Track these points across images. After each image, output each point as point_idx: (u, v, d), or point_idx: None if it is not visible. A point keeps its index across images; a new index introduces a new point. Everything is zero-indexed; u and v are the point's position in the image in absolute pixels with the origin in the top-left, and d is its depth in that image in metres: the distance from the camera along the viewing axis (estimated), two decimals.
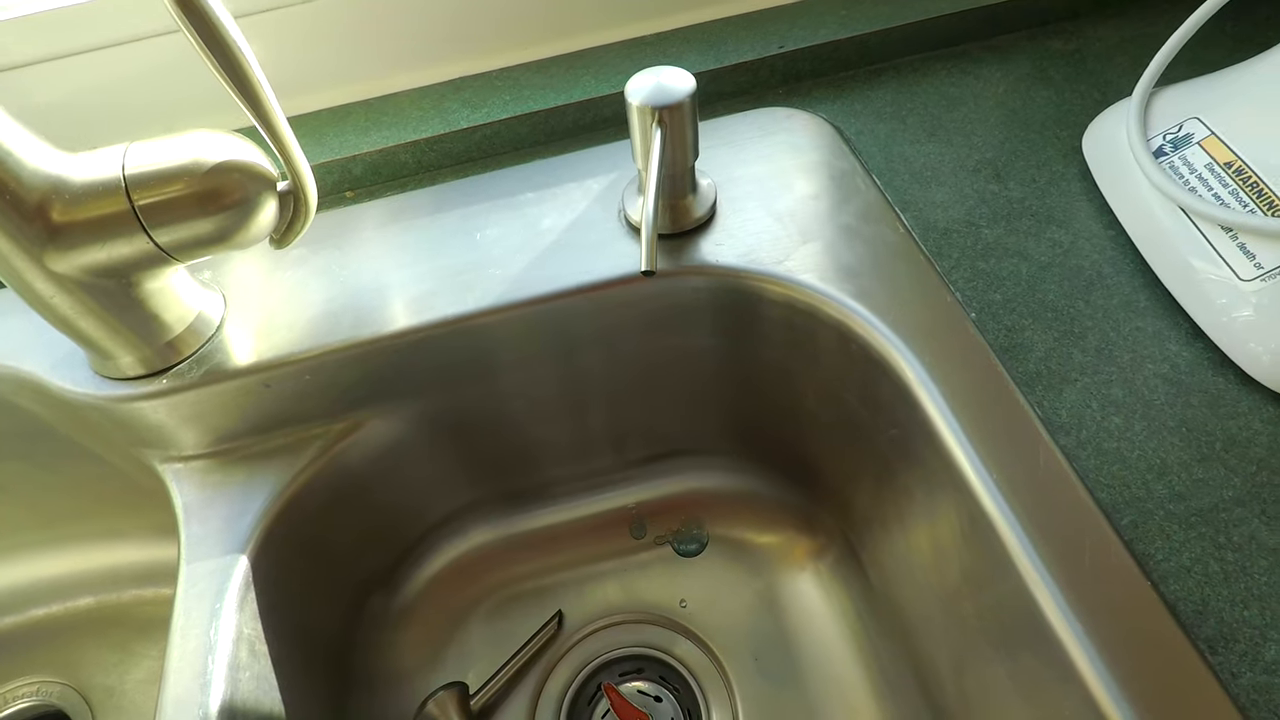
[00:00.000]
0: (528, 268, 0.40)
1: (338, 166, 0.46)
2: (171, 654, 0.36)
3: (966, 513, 0.32)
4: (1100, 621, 0.27)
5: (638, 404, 0.48)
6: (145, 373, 0.39)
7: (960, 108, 0.46)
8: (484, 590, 0.53)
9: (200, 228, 0.33)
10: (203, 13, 0.28)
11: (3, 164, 0.30)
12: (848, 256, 0.39)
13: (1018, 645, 0.32)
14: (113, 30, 0.44)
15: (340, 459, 0.43)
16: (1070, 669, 0.27)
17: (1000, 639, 0.34)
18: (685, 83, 0.35)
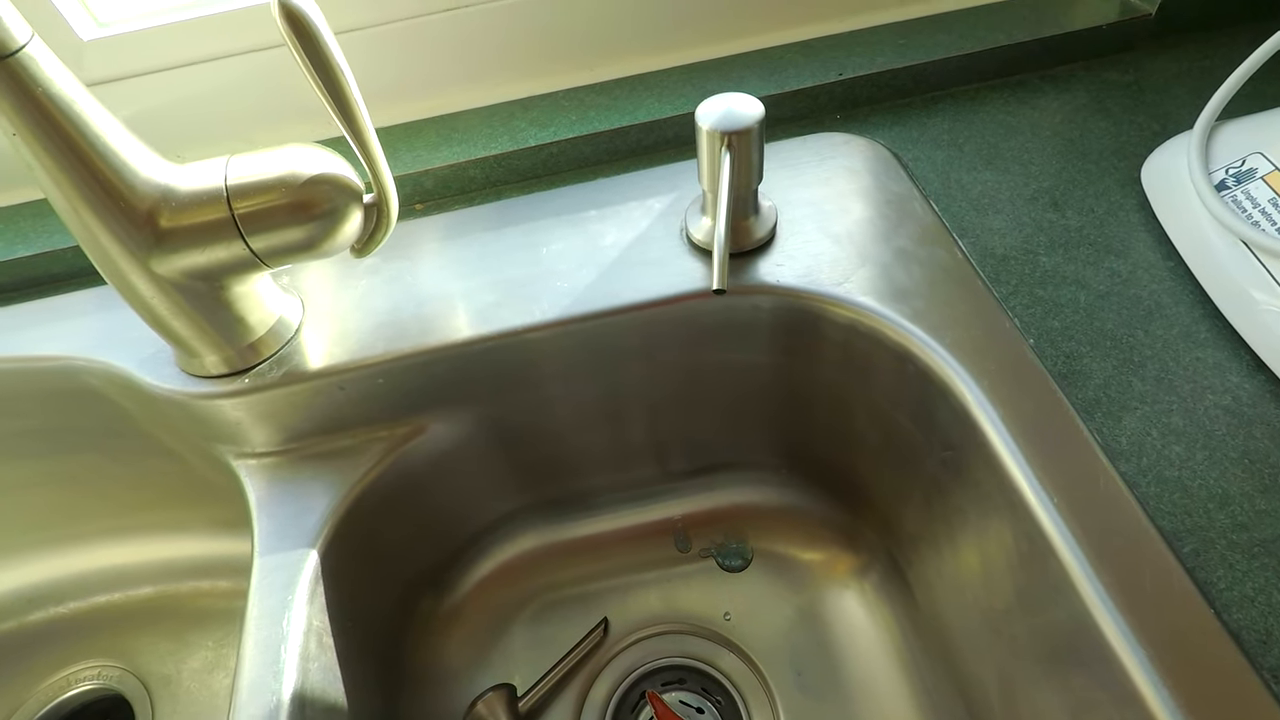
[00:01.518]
0: (590, 283, 0.42)
1: (410, 180, 0.48)
2: (246, 641, 0.37)
3: (1024, 534, 0.33)
4: (1162, 646, 0.27)
5: (687, 417, 0.50)
6: (228, 371, 0.41)
7: (1017, 136, 0.47)
8: (529, 594, 0.54)
9: (292, 235, 0.35)
10: (310, 33, 0.30)
11: (120, 174, 0.33)
12: (904, 279, 0.40)
13: (1072, 667, 0.32)
14: (207, 47, 0.47)
15: (401, 461, 0.45)
16: (1131, 692, 0.28)
17: (1052, 660, 0.34)
18: (754, 109, 0.36)
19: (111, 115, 0.32)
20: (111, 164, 0.32)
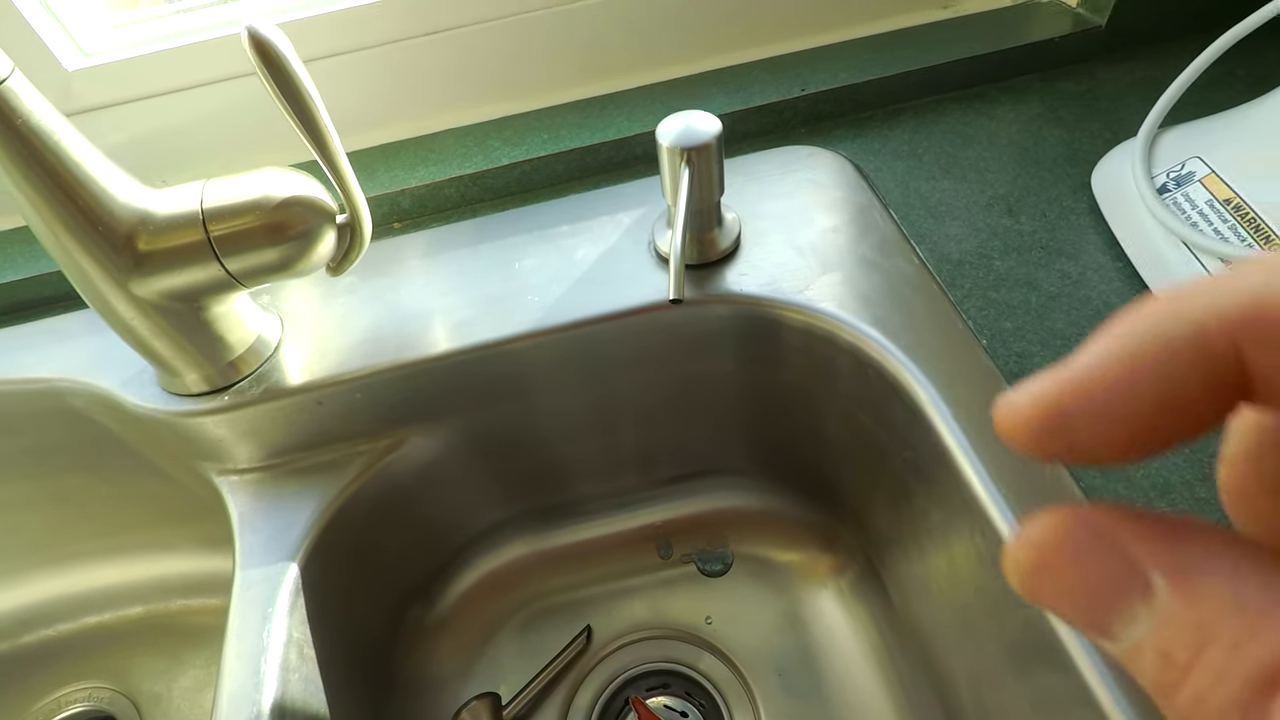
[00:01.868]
0: (563, 296, 0.43)
1: (387, 199, 0.49)
2: (227, 654, 0.38)
3: (980, 533, 0.34)
4: None
5: (664, 426, 0.51)
6: (209, 390, 0.42)
7: (974, 146, 0.49)
8: (515, 604, 0.55)
9: (267, 256, 0.37)
10: (278, 62, 0.32)
11: (97, 200, 0.34)
12: (865, 286, 0.41)
13: (1035, 666, 0.33)
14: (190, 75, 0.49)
15: (384, 474, 0.46)
16: (1087, 693, 0.29)
17: (1016, 659, 0.35)
18: (711, 125, 0.38)
19: (90, 144, 0.34)
20: (90, 190, 0.34)
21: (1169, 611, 0.09)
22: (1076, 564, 0.10)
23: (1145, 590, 0.10)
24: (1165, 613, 0.09)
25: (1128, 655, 0.10)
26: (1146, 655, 0.09)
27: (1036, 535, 0.10)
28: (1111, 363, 0.10)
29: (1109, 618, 0.10)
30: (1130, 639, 0.10)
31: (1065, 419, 0.10)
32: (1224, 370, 0.09)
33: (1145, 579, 0.10)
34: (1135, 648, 0.10)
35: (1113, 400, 0.10)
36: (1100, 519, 0.10)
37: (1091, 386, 0.10)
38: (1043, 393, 0.10)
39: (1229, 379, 0.10)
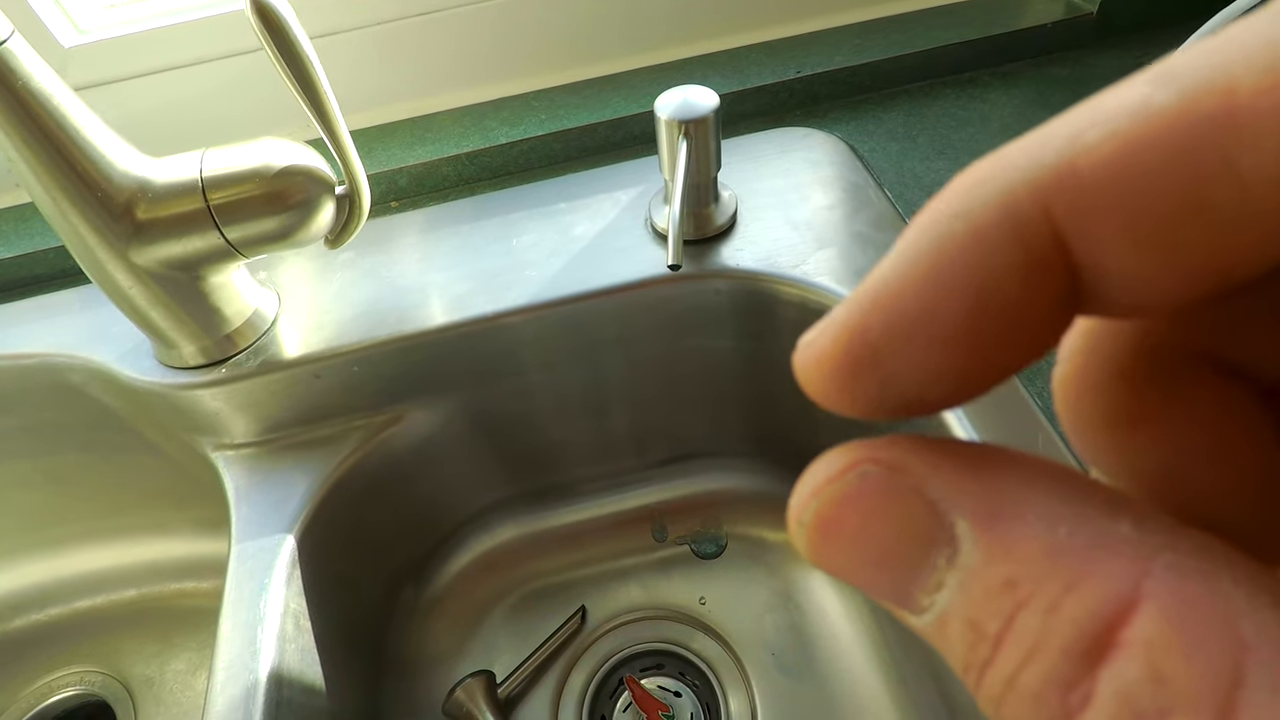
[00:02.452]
0: (560, 271, 0.43)
1: (385, 178, 0.49)
2: (224, 624, 0.38)
3: None
4: None
5: (659, 406, 0.51)
6: (205, 362, 0.42)
7: (967, 129, 0.49)
8: (509, 584, 0.55)
9: (266, 225, 0.37)
10: (281, 28, 0.32)
11: (96, 167, 0.34)
12: (860, 261, 0.41)
13: None
14: (186, 52, 0.49)
15: (380, 450, 0.46)
16: None
17: None
18: (709, 100, 0.38)
19: (90, 110, 0.34)
20: (90, 157, 0.34)
21: (976, 569, 0.07)
22: (871, 515, 0.08)
23: (951, 543, 0.08)
24: (972, 571, 0.07)
25: (934, 630, 0.08)
26: (953, 628, 0.07)
27: (821, 483, 0.08)
28: (914, 263, 0.08)
29: (911, 583, 0.08)
30: (936, 609, 0.08)
31: (872, 349, 0.08)
32: (1045, 259, 0.07)
33: (951, 529, 0.08)
34: (940, 619, 0.08)
35: (921, 311, 0.08)
36: (896, 453, 0.08)
37: (893, 298, 0.08)
38: (844, 320, 0.08)
39: (1054, 271, 0.07)
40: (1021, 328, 0.08)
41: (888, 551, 0.08)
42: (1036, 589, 0.07)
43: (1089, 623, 0.07)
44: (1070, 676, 0.07)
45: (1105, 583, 0.07)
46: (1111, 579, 0.07)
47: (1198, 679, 0.06)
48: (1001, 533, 0.07)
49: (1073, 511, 0.07)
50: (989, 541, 0.07)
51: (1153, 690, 0.06)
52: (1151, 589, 0.06)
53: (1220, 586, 0.06)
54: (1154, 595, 0.06)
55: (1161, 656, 0.06)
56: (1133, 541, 0.07)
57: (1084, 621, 0.07)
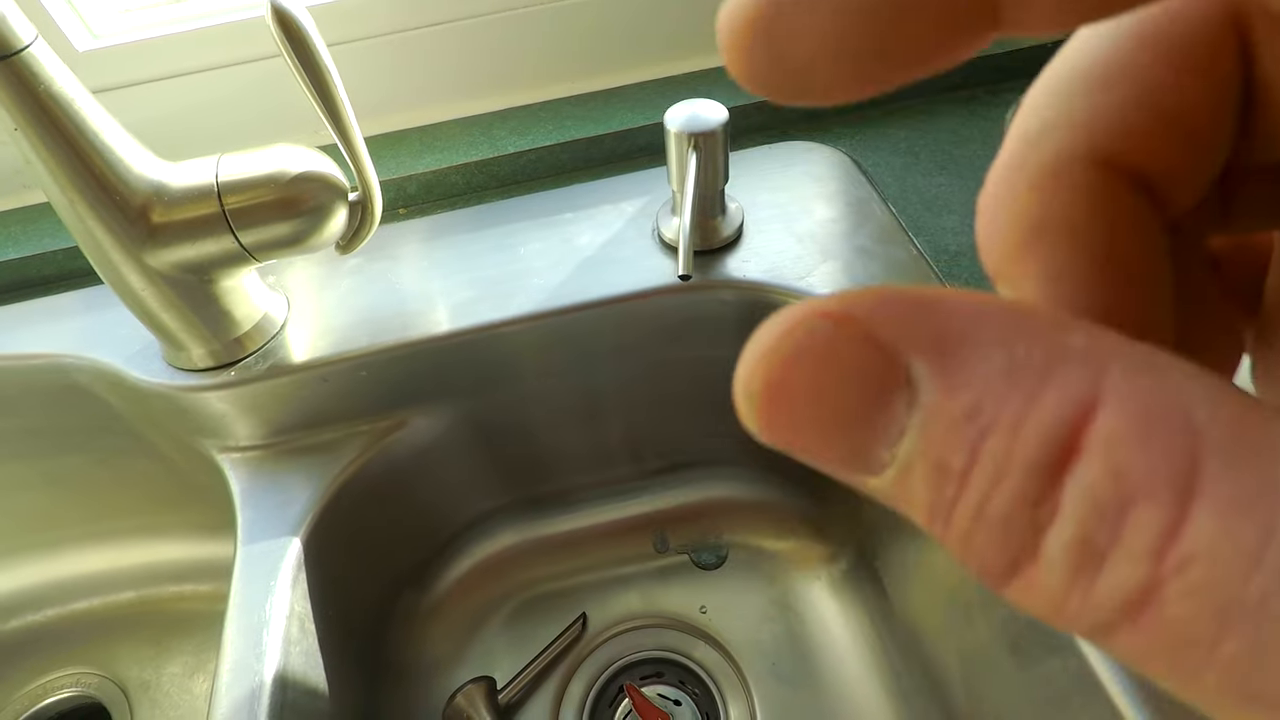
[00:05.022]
0: (565, 280, 0.44)
1: (393, 185, 0.50)
2: (229, 626, 0.38)
3: None
4: None
5: (661, 414, 0.51)
6: (214, 365, 0.42)
7: (969, 145, 0.50)
8: (509, 591, 0.55)
9: (279, 230, 0.37)
10: (300, 36, 0.32)
11: (114, 170, 0.34)
12: (864, 274, 0.42)
13: (1034, 652, 0.34)
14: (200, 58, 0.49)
15: (384, 455, 0.46)
16: (1090, 677, 0.29)
17: (1014, 645, 0.36)
18: (718, 113, 0.39)
19: (108, 114, 0.34)
20: (108, 160, 0.34)
21: (936, 405, 0.07)
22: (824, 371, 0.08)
23: (909, 385, 0.07)
24: (932, 408, 0.07)
25: (897, 484, 0.07)
26: (916, 475, 0.07)
27: (767, 346, 0.08)
28: None
29: (870, 439, 0.07)
30: (899, 460, 0.07)
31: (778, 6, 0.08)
32: None
33: (907, 370, 0.07)
34: (903, 470, 0.07)
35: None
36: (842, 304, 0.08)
37: None
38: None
39: None
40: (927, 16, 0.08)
41: (844, 408, 0.08)
42: (999, 411, 0.07)
43: (1053, 431, 0.07)
44: (1037, 492, 0.07)
45: (1065, 390, 0.07)
46: (1070, 386, 0.07)
47: (1155, 468, 0.06)
48: (959, 363, 0.07)
49: (1024, 333, 0.07)
50: (947, 374, 0.07)
51: (1114, 485, 0.06)
52: (1109, 389, 0.07)
53: (1172, 381, 0.07)
54: (1112, 394, 0.06)
55: (1120, 451, 0.06)
56: (1086, 351, 0.07)
57: (1048, 431, 0.07)
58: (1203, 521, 0.06)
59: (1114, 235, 0.09)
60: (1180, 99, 0.09)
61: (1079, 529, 0.06)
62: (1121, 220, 0.09)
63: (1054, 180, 0.09)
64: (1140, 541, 0.06)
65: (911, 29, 0.08)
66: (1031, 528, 0.07)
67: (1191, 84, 0.09)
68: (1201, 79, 0.09)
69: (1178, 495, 0.06)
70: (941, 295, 0.08)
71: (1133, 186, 0.09)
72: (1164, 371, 0.07)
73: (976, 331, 0.07)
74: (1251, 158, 0.10)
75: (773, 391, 0.08)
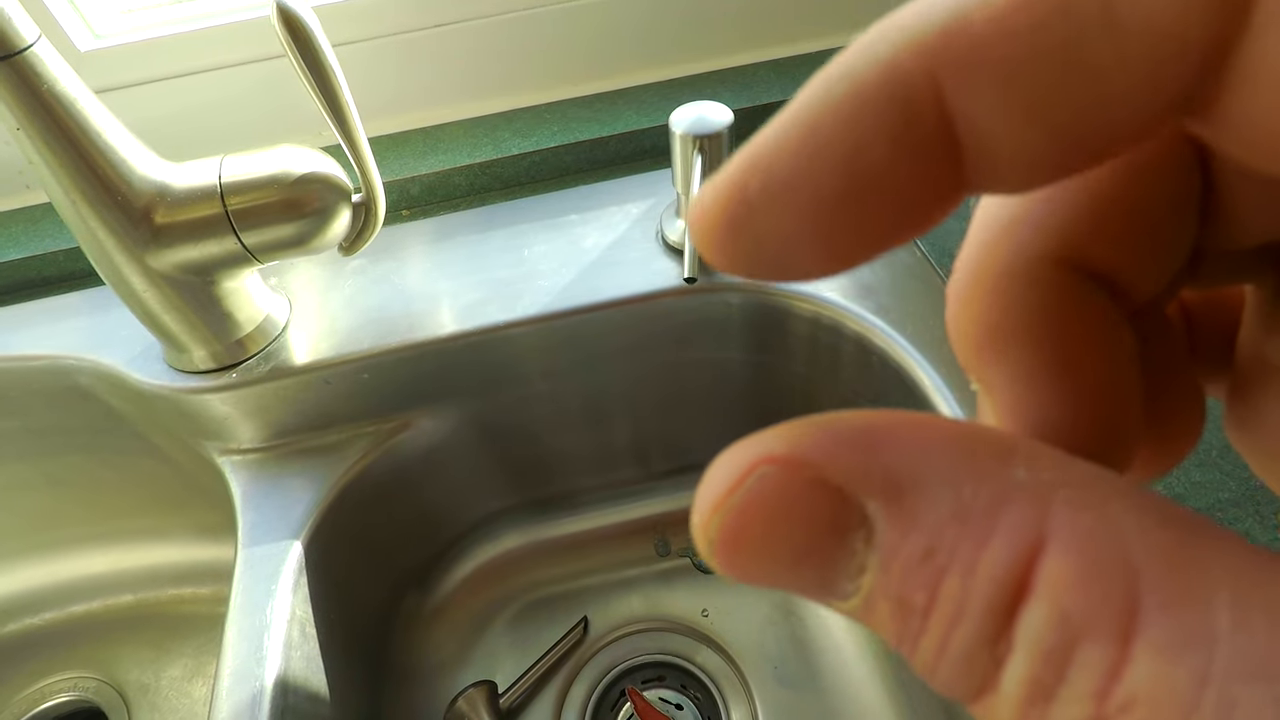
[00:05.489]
0: (570, 282, 0.44)
1: (396, 187, 0.50)
2: (230, 630, 0.38)
3: None
4: None
5: (665, 417, 0.51)
6: (216, 367, 0.42)
7: None
8: (511, 594, 0.55)
9: (283, 231, 0.37)
10: (306, 37, 0.32)
11: (117, 171, 0.34)
12: (867, 276, 0.42)
13: None
14: (202, 59, 0.49)
15: (387, 457, 0.46)
16: None
17: None
18: (723, 116, 0.39)
19: (111, 114, 0.34)
20: (110, 161, 0.34)
21: (893, 546, 0.07)
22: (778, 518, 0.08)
23: (864, 525, 0.07)
24: (889, 549, 0.07)
25: (862, 612, 0.08)
26: (880, 607, 0.08)
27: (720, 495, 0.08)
28: (793, 123, 0.08)
29: (832, 574, 0.08)
30: (862, 592, 0.08)
31: (749, 207, 0.08)
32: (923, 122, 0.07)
33: (861, 510, 0.07)
34: (867, 601, 0.08)
35: (793, 172, 0.08)
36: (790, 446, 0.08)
37: (772, 157, 0.08)
38: (727, 178, 0.08)
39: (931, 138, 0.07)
40: (895, 197, 0.08)
41: (802, 549, 0.08)
42: (953, 554, 0.07)
43: (1004, 575, 0.07)
44: (994, 632, 0.07)
45: (1012, 533, 0.07)
46: (1017, 529, 0.07)
47: (1097, 610, 0.06)
48: (910, 506, 0.07)
49: (969, 469, 0.07)
50: (900, 517, 0.07)
51: (1059, 627, 0.07)
52: (1052, 529, 0.07)
53: (1111, 515, 0.07)
54: (1055, 535, 0.07)
55: (1064, 594, 0.07)
56: (1029, 487, 0.07)
57: (999, 575, 0.07)
58: (1142, 664, 0.06)
59: (1076, 335, 0.09)
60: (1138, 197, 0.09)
61: (1030, 668, 0.07)
62: (1085, 319, 0.09)
63: (1013, 282, 0.09)
64: (1085, 682, 0.06)
65: (880, 210, 0.08)
66: (991, 662, 0.07)
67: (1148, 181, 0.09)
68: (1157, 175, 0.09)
69: (1118, 637, 0.06)
70: (887, 426, 0.08)
71: (1094, 282, 0.09)
72: (1104, 505, 0.07)
73: (925, 470, 0.07)
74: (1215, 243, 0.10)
75: (731, 539, 0.08)
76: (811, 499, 0.08)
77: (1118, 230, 0.09)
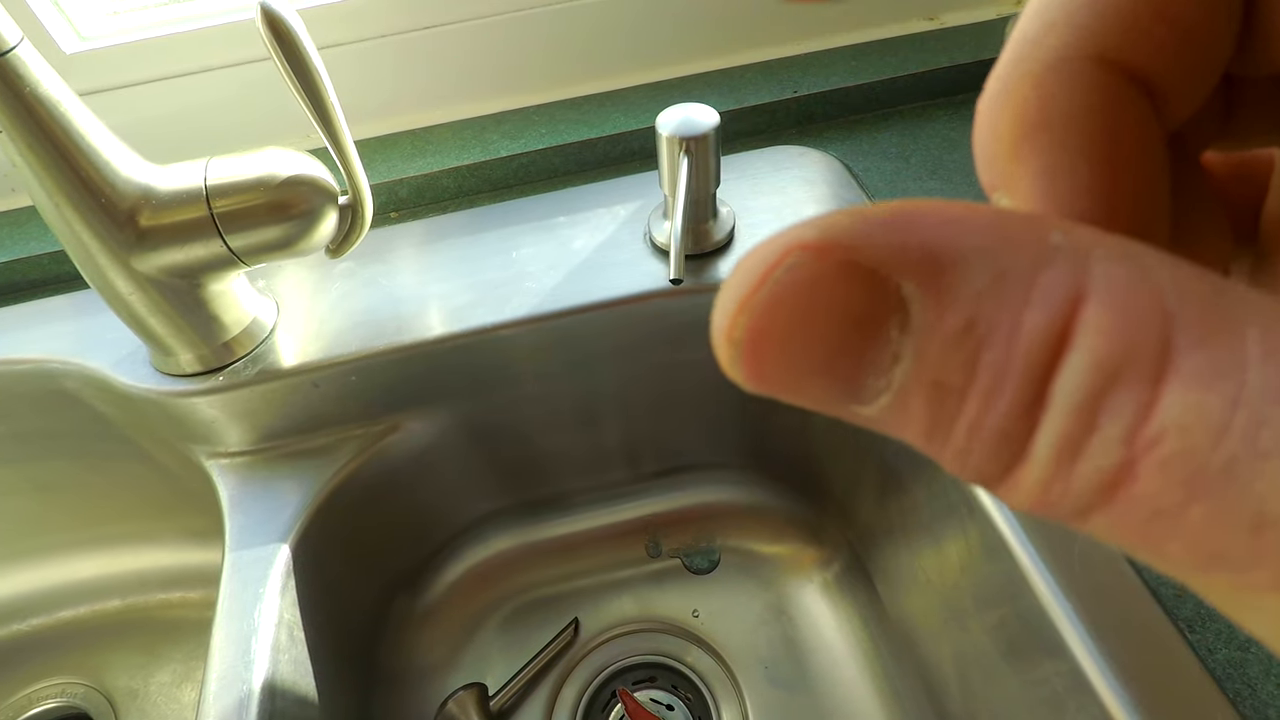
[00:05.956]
0: (559, 283, 0.44)
1: (385, 189, 0.50)
2: (217, 634, 0.38)
3: (972, 519, 0.35)
4: (1089, 605, 0.29)
5: (654, 418, 0.51)
6: (202, 370, 0.42)
7: (960, 150, 0.50)
8: (502, 596, 0.55)
9: (269, 234, 0.37)
10: (290, 38, 0.32)
11: (101, 173, 0.34)
12: None
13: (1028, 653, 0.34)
14: (188, 61, 0.49)
15: (377, 460, 0.46)
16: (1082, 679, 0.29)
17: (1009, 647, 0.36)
18: (710, 117, 0.39)
19: (95, 117, 0.34)
20: (94, 163, 0.34)
21: (931, 325, 0.07)
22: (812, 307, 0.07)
23: (901, 308, 0.07)
24: (927, 328, 0.07)
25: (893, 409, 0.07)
26: (915, 397, 0.07)
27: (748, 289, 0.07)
28: None
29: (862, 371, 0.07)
30: (894, 386, 0.07)
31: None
32: None
33: (897, 292, 0.07)
34: (900, 395, 0.07)
35: None
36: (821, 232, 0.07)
37: None
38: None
39: None
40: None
41: (837, 344, 0.07)
42: (993, 322, 0.07)
43: (1045, 333, 0.07)
44: (1032, 396, 0.07)
45: (1051, 291, 0.07)
46: (1057, 286, 0.07)
47: (1131, 354, 0.06)
48: (949, 282, 0.07)
49: (1006, 239, 0.07)
50: (939, 293, 0.07)
51: (1094, 374, 0.06)
52: (1090, 283, 0.07)
53: (1146, 268, 0.07)
54: (1093, 288, 0.07)
55: (1101, 343, 0.07)
56: (1066, 249, 0.07)
57: (1041, 333, 0.07)
58: (1173, 398, 0.06)
59: (1114, 132, 0.09)
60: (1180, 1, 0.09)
61: (1064, 423, 0.07)
62: (1122, 117, 0.09)
63: (1055, 76, 0.09)
64: (1116, 427, 0.06)
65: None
66: (1025, 430, 0.07)
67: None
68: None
69: (1150, 377, 0.06)
70: (920, 208, 0.07)
71: (1133, 85, 0.09)
72: (1139, 258, 0.07)
73: (962, 244, 0.07)
74: (1250, 69, 0.10)
75: (758, 339, 0.07)
76: (847, 285, 0.07)
77: (1157, 31, 0.09)
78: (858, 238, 0.07)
